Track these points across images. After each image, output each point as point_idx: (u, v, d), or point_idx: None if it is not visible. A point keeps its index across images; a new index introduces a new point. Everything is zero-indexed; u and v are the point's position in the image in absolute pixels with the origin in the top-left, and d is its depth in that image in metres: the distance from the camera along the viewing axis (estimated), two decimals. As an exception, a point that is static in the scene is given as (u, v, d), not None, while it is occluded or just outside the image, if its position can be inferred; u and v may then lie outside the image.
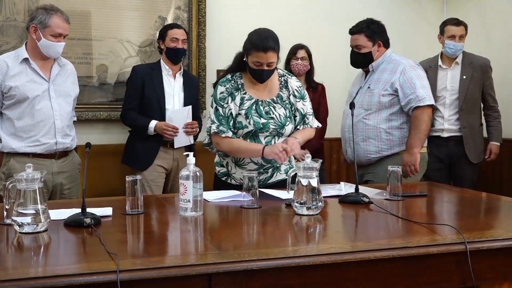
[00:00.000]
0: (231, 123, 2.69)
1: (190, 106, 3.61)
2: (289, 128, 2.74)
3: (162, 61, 3.69)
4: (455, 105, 3.84)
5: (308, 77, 4.06)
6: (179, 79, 3.69)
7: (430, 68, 3.94)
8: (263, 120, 2.68)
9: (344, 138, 3.43)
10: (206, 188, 2.69)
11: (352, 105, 2.83)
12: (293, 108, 2.78)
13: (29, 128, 2.97)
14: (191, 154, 2.16)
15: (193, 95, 3.79)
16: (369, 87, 3.25)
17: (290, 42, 4.10)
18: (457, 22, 3.84)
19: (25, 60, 2.97)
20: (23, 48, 3.01)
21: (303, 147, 3.87)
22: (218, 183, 2.84)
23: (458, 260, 1.75)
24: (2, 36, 3.79)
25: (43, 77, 3.00)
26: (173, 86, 3.66)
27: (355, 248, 1.68)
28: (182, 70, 3.73)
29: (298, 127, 2.81)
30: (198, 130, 3.68)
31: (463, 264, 1.74)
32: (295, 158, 3.81)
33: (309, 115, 2.83)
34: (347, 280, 1.66)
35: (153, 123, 3.52)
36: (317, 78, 4.13)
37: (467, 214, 2.25)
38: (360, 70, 3.46)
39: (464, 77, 3.81)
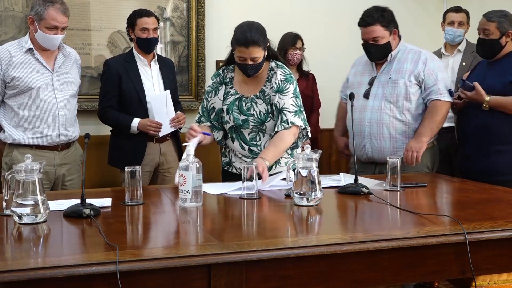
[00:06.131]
0: (212, 116, 2.75)
1: (168, 91, 3.37)
2: (269, 124, 2.67)
3: (134, 51, 3.44)
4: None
5: (300, 66, 4.08)
6: (155, 67, 3.46)
7: None
8: (243, 117, 2.67)
9: (362, 133, 3.13)
10: (211, 180, 2.71)
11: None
12: (272, 102, 2.65)
13: (33, 118, 2.94)
14: (190, 144, 2.16)
15: (172, 80, 3.57)
16: (390, 78, 3.09)
17: (290, 31, 4.09)
18: (457, 9, 3.85)
19: (30, 50, 2.93)
20: (27, 37, 2.96)
21: None
22: (222, 173, 2.88)
23: (457, 251, 1.75)
24: (0, 26, 3.77)
25: (47, 68, 2.97)
26: (150, 76, 3.43)
27: (354, 239, 1.68)
28: (156, 57, 3.49)
29: (276, 128, 2.62)
30: (184, 122, 3.44)
31: (462, 254, 1.74)
32: None
33: (288, 111, 2.61)
34: (346, 271, 1.67)
35: (135, 121, 3.30)
36: (313, 67, 4.19)
37: (466, 205, 2.25)
38: (362, 58, 3.31)
39: (464, 63, 3.82)
